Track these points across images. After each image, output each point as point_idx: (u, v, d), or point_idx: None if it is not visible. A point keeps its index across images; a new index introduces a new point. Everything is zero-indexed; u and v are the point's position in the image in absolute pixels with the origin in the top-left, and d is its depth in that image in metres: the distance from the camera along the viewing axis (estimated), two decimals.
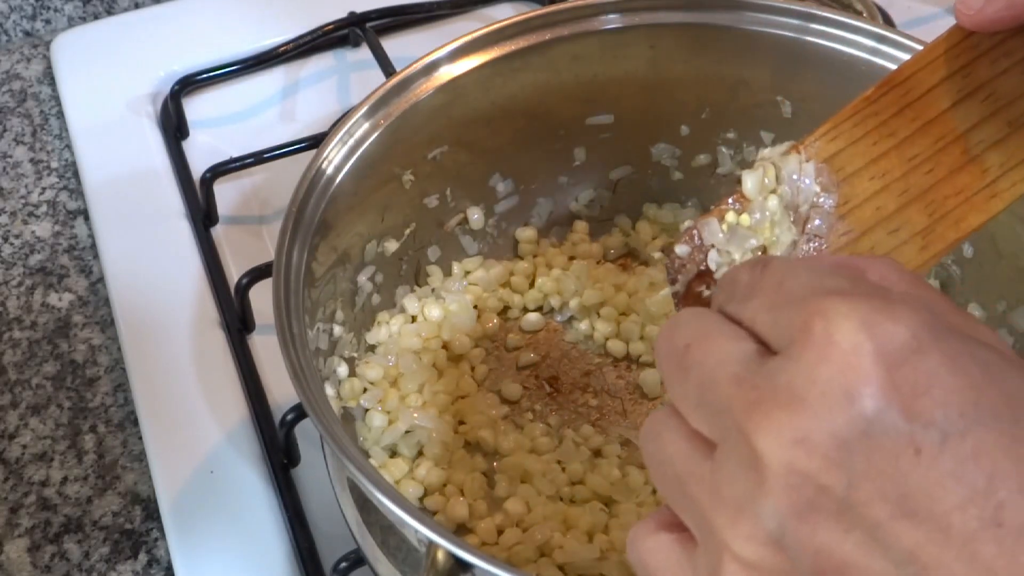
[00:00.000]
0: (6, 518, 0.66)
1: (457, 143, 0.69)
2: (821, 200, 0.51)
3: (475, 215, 0.72)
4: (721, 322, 0.36)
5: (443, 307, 0.69)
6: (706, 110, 0.71)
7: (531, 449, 0.65)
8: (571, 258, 0.74)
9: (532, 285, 0.72)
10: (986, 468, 0.30)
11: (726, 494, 0.33)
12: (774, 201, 0.51)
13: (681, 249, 0.53)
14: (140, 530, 0.65)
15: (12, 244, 0.80)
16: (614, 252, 0.75)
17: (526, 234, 0.74)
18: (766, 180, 0.52)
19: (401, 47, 0.87)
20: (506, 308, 0.72)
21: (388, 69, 0.84)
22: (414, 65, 0.65)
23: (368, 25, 0.89)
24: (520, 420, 0.67)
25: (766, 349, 0.34)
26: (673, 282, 0.53)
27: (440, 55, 0.65)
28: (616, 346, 0.70)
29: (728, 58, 0.68)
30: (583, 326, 0.71)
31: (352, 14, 0.90)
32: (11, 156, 0.87)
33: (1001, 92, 0.48)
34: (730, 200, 0.53)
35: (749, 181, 0.52)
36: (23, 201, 0.83)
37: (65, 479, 0.67)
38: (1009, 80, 0.47)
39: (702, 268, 0.52)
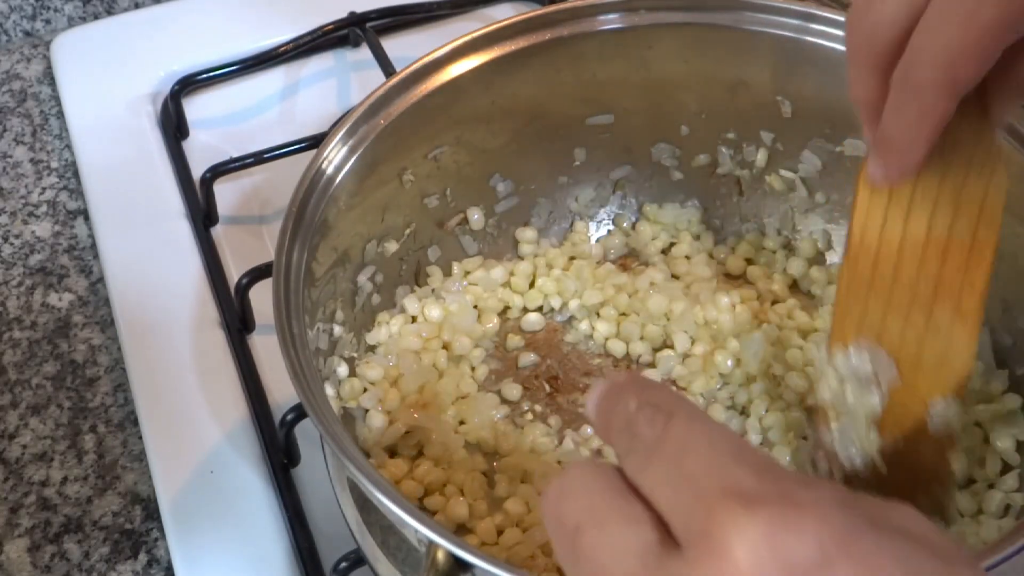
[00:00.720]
0: (6, 518, 0.66)
1: (457, 143, 0.69)
2: (875, 364, 0.55)
3: (475, 215, 0.72)
4: (616, 498, 0.33)
5: (443, 307, 0.69)
6: (706, 110, 0.71)
7: (531, 449, 0.64)
8: (571, 258, 0.74)
9: (532, 285, 0.72)
10: None
11: None
12: (849, 396, 0.56)
13: (819, 459, 0.58)
14: (140, 530, 0.65)
15: (12, 244, 0.80)
16: (614, 252, 0.75)
17: (526, 234, 0.74)
18: (832, 386, 0.57)
19: (401, 47, 0.87)
20: (506, 308, 0.72)
21: (388, 69, 0.84)
22: (414, 65, 0.65)
23: (368, 25, 0.89)
24: (520, 420, 0.67)
25: (665, 534, 0.32)
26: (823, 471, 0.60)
27: (440, 55, 0.65)
28: (616, 346, 0.70)
29: (728, 58, 0.68)
30: (583, 326, 0.71)
31: (352, 14, 0.90)
32: (11, 156, 0.87)
33: (926, 185, 0.52)
34: (819, 414, 0.58)
35: (825, 394, 0.57)
36: (23, 201, 0.83)
37: (65, 479, 0.67)
38: (926, 178, 0.52)
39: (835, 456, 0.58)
